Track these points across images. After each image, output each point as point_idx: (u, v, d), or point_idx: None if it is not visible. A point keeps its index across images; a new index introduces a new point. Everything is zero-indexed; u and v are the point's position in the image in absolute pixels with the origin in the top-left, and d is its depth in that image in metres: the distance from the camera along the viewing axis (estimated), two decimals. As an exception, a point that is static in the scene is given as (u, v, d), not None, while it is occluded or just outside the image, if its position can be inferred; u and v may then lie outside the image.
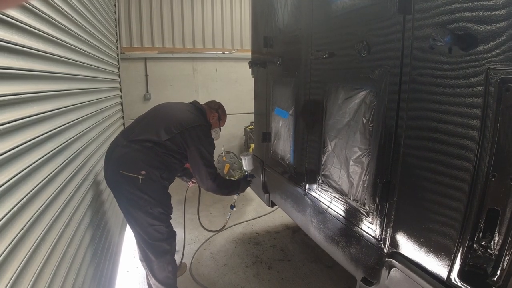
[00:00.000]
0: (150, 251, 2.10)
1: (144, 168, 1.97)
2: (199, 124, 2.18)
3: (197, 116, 2.27)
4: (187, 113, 2.24)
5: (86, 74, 2.35)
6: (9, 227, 1.04)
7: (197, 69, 5.34)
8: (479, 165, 1.01)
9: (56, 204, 1.49)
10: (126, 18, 4.85)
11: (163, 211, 2.08)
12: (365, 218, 1.57)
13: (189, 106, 2.36)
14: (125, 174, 1.95)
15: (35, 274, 1.16)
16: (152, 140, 2.04)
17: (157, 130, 2.08)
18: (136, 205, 2.00)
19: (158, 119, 2.18)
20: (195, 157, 2.15)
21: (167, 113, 2.24)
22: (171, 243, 2.18)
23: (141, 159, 1.98)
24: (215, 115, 2.45)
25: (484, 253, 1.03)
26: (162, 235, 2.10)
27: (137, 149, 2.01)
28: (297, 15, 2.12)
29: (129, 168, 1.96)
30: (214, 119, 2.45)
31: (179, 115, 2.21)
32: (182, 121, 2.14)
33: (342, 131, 1.69)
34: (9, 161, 1.09)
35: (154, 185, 2.02)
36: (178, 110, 2.29)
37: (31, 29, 1.36)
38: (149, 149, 2.02)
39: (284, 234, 3.38)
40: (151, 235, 2.07)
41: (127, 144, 2.03)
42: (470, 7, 0.99)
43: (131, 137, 2.07)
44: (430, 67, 1.16)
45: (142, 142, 2.03)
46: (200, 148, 2.14)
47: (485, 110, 0.98)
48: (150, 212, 2.01)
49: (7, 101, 1.12)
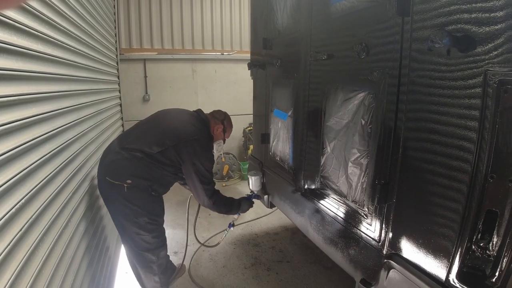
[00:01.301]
0: (136, 260, 2.08)
1: (130, 178, 1.89)
2: (197, 137, 2.04)
3: (198, 127, 2.12)
4: (187, 124, 2.11)
5: (85, 75, 2.35)
6: (8, 228, 1.04)
7: (196, 71, 5.34)
8: (477, 167, 1.01)
9: (55, 205, 1.49)
10: (126, 19, 4.85)
11: (150, 220, 1.99)
12: (364, 220, 1.57)
13: (190, 116, 2.21)
14: (110, 181, 1.89)
15: (34, 275, 1.16)
16: (143, 151, 1.94)
17: (150, 140, 1.97)
18: (121, 213, 1.94)
19: (154, 129, 2.08)
20: (190, 172, 2.04)
21: (165, 123, 2.12)
22: (158, 254, 2.10)
23: (128, 168, 1.90)
24: (219, 127, 2.31)
25: (482, 255, 1.03)
26: (149, 245, 2.03)
27: (126, 158, 1.92)
28: (296, 17, 2.12)
29: (114, 176, 1.89)
30: (218, 131, 2.31)
31: (177, 126, 2.09)
32: (179, 133, 2.02)
33: (341, 132, 1.69)
34: (8, 162, 1.09)
35: (141, 194, 1.94)
36: (177, 120, 2.16)
37: (30, 31, 1.36)
38: (138, 159, 1.92)
39: (283, 235, 3.37)
40: (138, 244, 2.02)
41: (118, 151, 1.95)
42: (469, 9, 1.00)
43: (124, 144, 1.99)
44: (428, 69, 1.16)
45: (132, 151, 1.93)
46: (195, 163, 2.02)
47: (484, 112, 0.98)
48: (135, 221, 1.94)
49: (6, 102, 1.12)
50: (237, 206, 2.42)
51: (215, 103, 5.42)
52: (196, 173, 2.03)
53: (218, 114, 2.37)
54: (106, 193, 1.97)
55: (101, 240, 2.25)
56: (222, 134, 2.35)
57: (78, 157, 1.96)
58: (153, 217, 2.01)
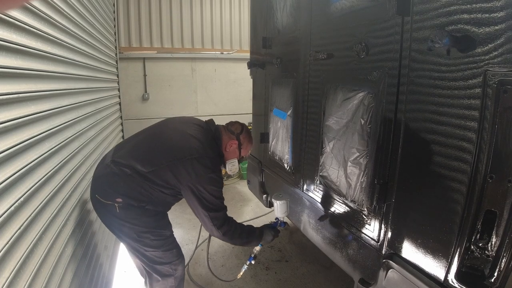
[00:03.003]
0: (152, 271, 1.81)
1: (120, 197, 1.61)
2: (198, 155, 1.67)
3: (203, 143, 1.74)
4: (190, 139, 1.74)
5: (84, 74, 2.35)
6: (7, 226, 1.03)
7: (195, 69, 5.34)
8: (476, 167, 1.01)
9: (54, 203, 1.48)
10: (125, 18, 4.83)
11: (154, 237, 1.71)
12: (363, 219, 1.57)
13: (197, 129, 1.83)
14: (100, 200, 1.64)
15: (32, 273, 1.15)
16: (134, 167, 1.63)
17: (143, 156, 1.68)
18: (121, 232, 1.69)
19: (150, 142, 1.77)
20: (191, 197, 1.69)
21: (164, 136, 1.79)
22: (176, 267, 1.82)
23: (117, 186, 1.62)
24: (233, 143, 1.90)
25: (481, 255, 1.03)
26: (162, 259, 1.77)
27: (116, 173, 1.63)
28: (296, 16, 2.12)
29: (103, 194, 1.64)
30: (231, 147, 1.91)
31: (177, 140, 1.74)
32: (177, 149, 1.69)
33: (340, 132, 1.69)
34: (7, 160, 1.09)
35: (136, 212, 1.65)
36: (179, 133, 1.79)
37: (30, 28, 1.36)
38: (128, 176, 1.62)
39: (282, 234, 3.36)
40: (149, 259, 1.76)
41: (109, 164, 1.68)
42: (469, 9, 1.00)
43: (115, 156, 1.71)
44: (428, 69, 1.16)
45: (122, 166, 1.64)
46: (197, 187, 1.66)
47: (483, 112, 0.98)
48: (138, 239, 1.69)
49: (5, 100, 1.12)
50: (257, 237, 1.97)
51: (214, 102, 5.42)
52: (198, 198, 1.68)
53: (233, 127, 1.95)
54: (99, 212, 1.73)
55: (99, 238, 2.24)
56: (236, 151, 1.95)
57: (77, 155, 1.96)
58: (157, 233, 1.74)
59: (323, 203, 1.91)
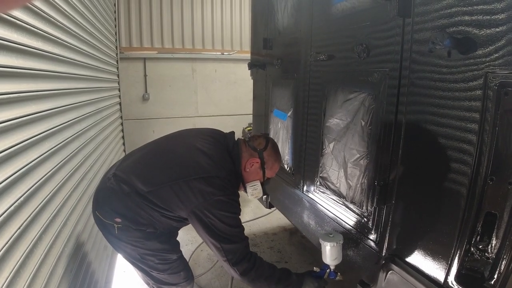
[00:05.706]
0: None
1: (118, 217, 1.41)
2: (207, 175, 1.39)
3: (214, 160, 1.46)
4: (198, 154, 1.46)
5: (85, 74, 2.35)
6: (6, 226, 1.03)
7: (196, 70, 5.34)
8: (477, 169, 1.01)
9: (54, 203, 1.48)
10: (126, 18, 4.84)
11: (159, 261, 1.53)
12: (363, 221, 1.57)
13: (210, 141, 1.55)
14: (99, 217, 1.47)
15: (32, 273, 1.16)
16: (134, 186, 1.40)
17: (145, 173, 1.45)
18: (123, 252, 1.54)
19: (154, 157, 1.53)
20: (197, 226, 1.41)
21: (171, 149, 1.55)
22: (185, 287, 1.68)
23: (115, 204, 1.42)
24: (254, 161, 1.57)
25: (481, 257, 1.03)
26: (169, 280, 1.62)
27: (113, 189, 1.42)
28: (297, 17, 2.12)
29: (101, 211, 1.46)
30: (252, 167, 1.57)
31: (184, 156, 1.48)
32: (181, 166, 1.44)
33: (341, 133, 1.69)
34: (6, 160, 1.09)
35: (137, 234, 1.45)
36: (186, 146, 1.53)
37: (31, 28, 1.36)
38: (125, 195, 1.40)
39: (281, 236, 3.37)
40: (155, 279, 1.60)
41: (110, 177, 1.47)
42: (470, 11, 1.00)
43: (119, 168, 1.51)
44: (429, 71, 1.16)
45: (122, 182, 1.42)
46: (204, 213, 1.37)
47: (484, 114, 0.98)
48: (143, 261, 1.52)
49: (6, 99, 1.12)
50: (293, 285, 1.54)
51: (215, 102, 5.42)
52: (206, 226, 1.38)
53: (256, 141, 1.61)
54: (100, 229, 1.55)
55: (99, 238, 2.24)
56: (259, 172, 1.60)
57: (77, 155, 1.96)
58: (162, 257, 1.54)
59: (323, 204, 1.91)
